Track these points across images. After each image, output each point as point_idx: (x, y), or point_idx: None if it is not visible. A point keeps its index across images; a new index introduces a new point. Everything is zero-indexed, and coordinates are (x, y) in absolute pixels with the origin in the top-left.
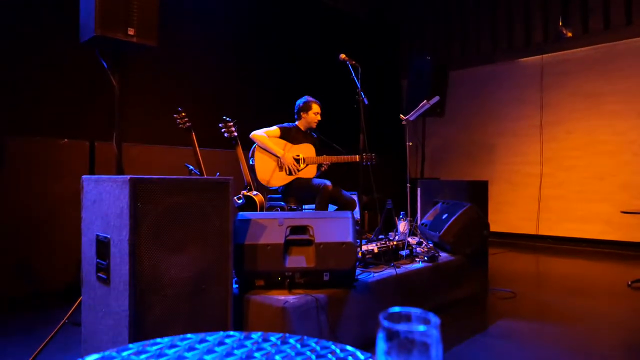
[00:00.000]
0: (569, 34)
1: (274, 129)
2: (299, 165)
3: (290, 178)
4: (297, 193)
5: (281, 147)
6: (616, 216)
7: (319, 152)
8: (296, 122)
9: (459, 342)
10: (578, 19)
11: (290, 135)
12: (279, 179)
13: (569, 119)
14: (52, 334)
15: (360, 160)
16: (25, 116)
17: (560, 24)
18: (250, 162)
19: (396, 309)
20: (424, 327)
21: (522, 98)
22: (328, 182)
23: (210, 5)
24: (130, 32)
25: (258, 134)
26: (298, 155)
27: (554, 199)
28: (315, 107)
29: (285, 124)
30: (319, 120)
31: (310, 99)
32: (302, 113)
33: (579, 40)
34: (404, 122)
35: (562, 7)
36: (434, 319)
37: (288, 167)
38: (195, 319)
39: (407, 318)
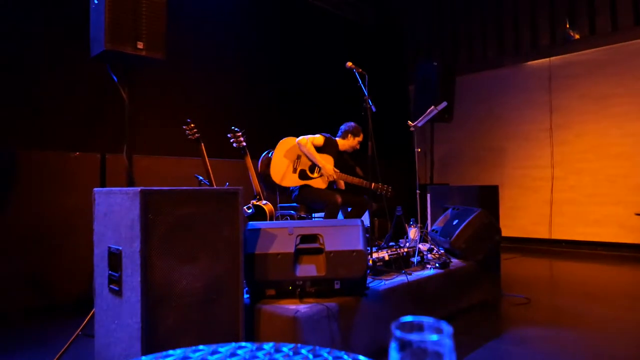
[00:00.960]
0: (576, 36)
1: (319, 137)
2: (334, 175)
3: (301, 182)
4: (305, 200)
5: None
6: (630, 219)
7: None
8: (337, 138)
9: (473, 350)
10: (585, 21)
11: (329, 147)
12: (290, 180)
13: (579, 122)
14: (66, 346)
15: (375, 189)
16: (37, 130)
17: (567, 26)
18: (269, 155)
19: (408, 318)
20: (437, 336)
21: (530, 101)
22: (336, 195)
23: (217, 17)
24: (139, 45)
25: (305, 141)
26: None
27: (566, 203)
28: (361, 138)
29: (329, 135)
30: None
31: (361, 128)
32: (350, 135)
33: (587, 42)
34: (411, 129)
35: (568, 9)
36: (447, 328)
37: (327, 176)
38: (207, 330)
39: (419, 327)
